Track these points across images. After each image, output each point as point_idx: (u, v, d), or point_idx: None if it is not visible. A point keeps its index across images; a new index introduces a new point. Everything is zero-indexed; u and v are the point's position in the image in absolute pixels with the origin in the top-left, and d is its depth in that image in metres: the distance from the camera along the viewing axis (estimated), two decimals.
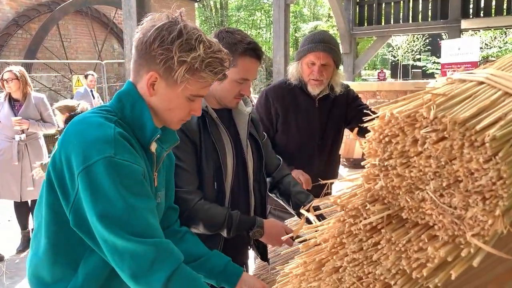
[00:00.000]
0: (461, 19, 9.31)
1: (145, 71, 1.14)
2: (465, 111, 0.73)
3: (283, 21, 6.69)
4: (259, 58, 1.64)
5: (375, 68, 28.29)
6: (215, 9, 27.83)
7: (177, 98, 1.16)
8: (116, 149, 1.04)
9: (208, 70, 1.13)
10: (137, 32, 1.15)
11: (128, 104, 1.16)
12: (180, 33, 1.09)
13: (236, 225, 1.58)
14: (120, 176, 1.03)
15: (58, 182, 1.08)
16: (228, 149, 1.66)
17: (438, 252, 0.77)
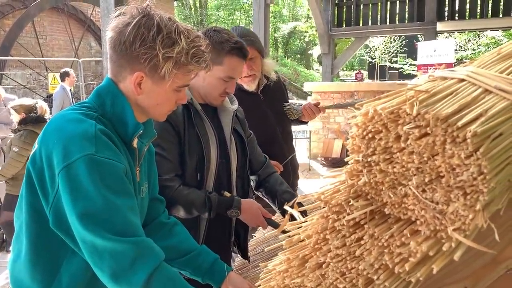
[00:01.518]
0: (436, 21, 9.51)
1: (129, 72, 1.12)
2: (447, 108, 0.74)
3: (263, 21, 6.70)
4: (245, 57, 1.67)
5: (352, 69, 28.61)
6: (195, 8, 27.68)
7: (165, 93, 1.15)
8: (97, 147, 1.02)
9: (194, 62, 1.12)
10: (109, 31, 1.11)
11: (108, 100, 1.14)
12: (159, 28, 1.07)
13: (216, 207, 1.61)
14: (101, 174, 1.01)
15: (38, 180, 1.06)
16: (212, 141, 1.67)
17: (420, 246, 0.78)
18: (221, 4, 28.99)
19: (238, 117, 1.85)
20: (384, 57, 22.73)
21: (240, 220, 1.74)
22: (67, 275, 1.10)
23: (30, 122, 3.52)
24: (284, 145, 2.41)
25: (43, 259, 1.11)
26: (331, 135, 8.48)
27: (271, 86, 2.38)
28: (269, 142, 2.30)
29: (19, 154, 3.45)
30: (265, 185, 1.91)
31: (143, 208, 1.28)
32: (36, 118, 3.52)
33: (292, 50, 31.66)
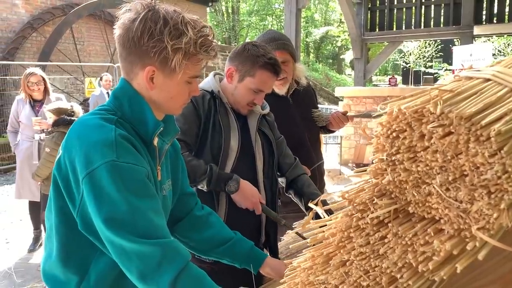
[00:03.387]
0: (473, 25, 9.26)
1: (140, 67, 1.12)
2: (471, 107, 0.75)
3: (294, 26, 6.71)
4: (276, 73, 1.74)
5: (386, 74, 28.17)
6: (227, 14, 27.99)
7: (177, 85, 1.15)
8: (118, 152, 1.03)
9: (203, 51, 1.12)
10: (116, 29, 1.12)
11: (125, 101, 1.15)
12: (165, 21, 1.07)
13: (216, 177, 1.64)
14: (123, 179, 1.03)
15: (64, 186, 1.09)
16: (234, 132, 1.73)
17: (444, 245, 0.79)
18: (253, 9, 29.19)
19: (267, 120, 1.90)
20: (419, 62, 22.28)
21: (270, 220, 1.76)
22: (95, 273, 1.13)
23: (62, 124, 3.66)
24: (312, 151, 2.41)
25: (73, 258, 1.15)
26: (362, 141, 8.39)
27: (300, 91, 2.40)
28: (296, 147, 2.32)
29: (50, 155, 3.60)
30: (294, 186, 1.94)
31: (166, 207, 1.30)
32: (69, 121, 3.66)
33: (323, 55, 31.50)
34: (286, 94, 2.35)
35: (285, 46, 2.25)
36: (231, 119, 1.74)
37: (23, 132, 4.33)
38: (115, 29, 1.13)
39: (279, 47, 2.23)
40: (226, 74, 1.77)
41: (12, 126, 4.46)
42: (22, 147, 4.33)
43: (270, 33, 2.31)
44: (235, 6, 28.15)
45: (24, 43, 10.75)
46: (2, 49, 10.42)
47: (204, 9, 17.43)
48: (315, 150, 2.46)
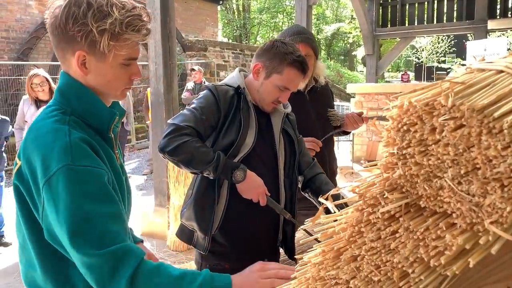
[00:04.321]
0: (487, 20, 9.12)
1: (71, 54, 1.11)
2: (483, 99, 0.73)
3: (305, 23, 6.68)
4: (304, 72, 1.75)
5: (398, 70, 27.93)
6: (238, 11, 27.97)
7: (111, 68, 1.14)
8: (73, 156, 1.02)
9: (130, 30, 1.10)
10: (47, 19, 1.12)
11: (72, 97, 1.14)
12: (89, 4, 1.07)
13: (223, 165, 1.63)
14: (80, 184, 1.01)
15: (28, 195, 1.08)
16: (251, 130, 1.73)
17: (456, 240, 0.78)
18: (264, 7, 29.13)
19: (290, 119, 1.91)
20: (432, 58, 22.07)
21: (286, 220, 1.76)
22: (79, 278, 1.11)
23: None
24: (325, 149, 2.40)
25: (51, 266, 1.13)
26: (375, 138, 8.33)
27: (318, 89, 2.41)
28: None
29: None
30: (311, 185, 1.93)
31: (128, 188, 1.31)
32: None
33: (335, 52, 31.34)
34: (304, 90, 2.36)
35: (309, 40, 2.28)
36: (251, 117, 1.74)
37: None
38: (46, 18, 1.13)
39: (303, 40, 2.25)
40: (253, 70, 1.77)
41: (19, 124, 4.54)
42: None
43: (295, 27, 2.35)
44: (246, 3, 28.12)
45: (37, 44, 10.89)
46: (16, 50, 10.58)
47: (215, 7, 17.45)
48: (327, 148, 2.45)
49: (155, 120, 4.71)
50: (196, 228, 1.71)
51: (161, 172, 4.67)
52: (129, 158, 9.76)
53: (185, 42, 12.27)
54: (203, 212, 1.69)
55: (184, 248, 4.38)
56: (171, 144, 1.58)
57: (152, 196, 4.99)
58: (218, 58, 12.46)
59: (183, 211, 1.78)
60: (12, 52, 10.54)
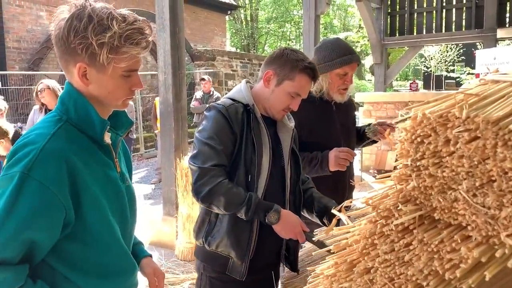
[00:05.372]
0: (497, 28, 9.08)
1: (73, 65, 1.15)
2: (498, 111, 0.73)
3: (313, 33, 6.70)
4: (314, 79, 1.76)
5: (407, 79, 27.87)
6: (246, 21, 28.15)
7: (111, 79, 1.17)
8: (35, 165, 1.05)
9: (129, 44, 1.13)
10: (53, 31, 1.16)
11: (70, 106, 1.17)
12: (90, 17, 1.10)
13: (255, 205, 1.61)
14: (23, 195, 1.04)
15: None
16: (266, 149, 1.71)
17: (472, 252, 0.77)
18: (272, 17, 29.29)
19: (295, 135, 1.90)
20: (440, 66, 21.99)
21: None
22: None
23: None
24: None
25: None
26: (384, 147, 8.29)
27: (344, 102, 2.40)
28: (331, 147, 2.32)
29: None
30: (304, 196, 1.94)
31: (131, 196, 1.33)
32: None
33: None
34: (331, 100, 2.36)
35: (359, 58, 2.33)
36: (263, 133, 1.72)
37: None
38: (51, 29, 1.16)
39: (357, 59, 2.31)
40: (263, 78, 1.77)
41: None
42: None
43: (343, 44, 2.34)
44: (254, 13, 28.30)
45: (48, 54, 11.01)
46: (27, 60, 10.71)
47: (223, 17, 17.57)
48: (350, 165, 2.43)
49: (164, 129, 4.72)
50: (233, 255, 1.69)
51: (169, 181, 4.67)
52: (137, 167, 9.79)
53: (194, 51, 12.35)
54: (240, 240, 1.68)
55: (192, 258, 4.36)
56: (202, 190, 1.60)
57: (161, 205, 5.00)
58: (226, 67, 12.51)
59: (211, 239, 1.73)
60: (23, 62, 10.66)
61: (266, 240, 1.74)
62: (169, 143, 4.71)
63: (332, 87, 2.31)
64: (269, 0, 29.35)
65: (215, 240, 1.71)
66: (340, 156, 2.11)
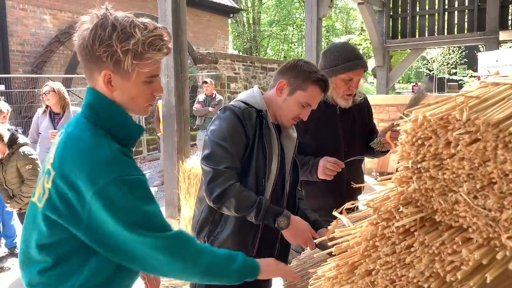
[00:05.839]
0: (499, 31, 9.07)
1: (98, 73, 1.18)
2: (498, 113, 0.73)
3: (315, 35, 6.71)
4: (325, 91, 1.81)
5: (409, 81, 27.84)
6: (248, 24, 28.21)
7: (135, 85, 1.20)
8: (120, 167, 1.12)
9: (152, 50, 1.17)
10: (76, 40, 1.19)
11: (102, 112, 1.21)
12: (113, 26, 1.13)
13: (265, 210, 1.63)
14: (131, 191, 1.12)
15: (65, 206, 1.12)
16: (275, 154, 1.74)
17: (473, 254, 0.77)
18: (274, 20, 29.33)
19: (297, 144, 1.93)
20: (443, 69, 21.97)
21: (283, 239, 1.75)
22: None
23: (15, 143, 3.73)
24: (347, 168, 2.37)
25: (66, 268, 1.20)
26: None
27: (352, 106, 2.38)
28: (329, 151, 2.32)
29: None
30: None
31: None
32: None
33: None
34: (335, 105, 2.36)
35: (366, 64, 2.31)
36: (273, 139, 1.76)
37: (42, 144, 4.45)
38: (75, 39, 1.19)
39: (363, 65, 2.28)
40: (277, 87, 1.81)
41: (32, 137, 4.58)
42: (39, 159, 4.45)
43: (353, 49, 2.33)
44: (256, 16, 28.35)
45: (51, 57, 11.06)
46: (31, 63, 10.75)
47: (226, 20, 17.60)
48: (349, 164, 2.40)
49: (167, 132, 4.73)
50: None
51: (172, 184, 4.68)
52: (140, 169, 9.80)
53: (196, 54, 12.36)
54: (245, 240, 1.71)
55: None
56: (214, 191, 1.62)
57: (163, 208, 5.01)
58: (228, 70, 12.52)
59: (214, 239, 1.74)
60: (26, 65, 10.70)
61: (265, 242, 1.76)
62: (171, 146, 4.71)
63: (337, 92, 2.30)
64: (272, 3, 29.40)
65: (219, 240, 1.73)
66: (327, 166, 2.11)
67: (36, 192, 1.22)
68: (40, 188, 1.19)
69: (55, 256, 1.18)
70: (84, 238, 1.14)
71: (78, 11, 11.65)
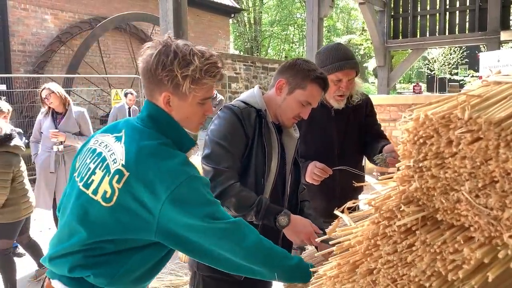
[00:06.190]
0: (500, 31, 9.07)
1: (158, 94, 1.32)
2: (500, 112, 0.73)
3: (316, 35, 6.72)
4: (325, 89, 1.81)
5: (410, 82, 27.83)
6: (249, 24, 28.22)
7: (190, 106, 1.35)
8: (189, 169, 1.27)
9: (208, 76, 1.31)
10: (140, 63, 1.34)
11: (164, 124, 1.35)
12: (175, 53, 1.28)
13: (265, 209, 1.63)
14: (200, 187, 1.27)
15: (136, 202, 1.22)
16: (275, 153, 1.74)
17: (475, 253, 0.77)
18: (275, 20, 29.33)
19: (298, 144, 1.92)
20: (444, 69, 21.96)
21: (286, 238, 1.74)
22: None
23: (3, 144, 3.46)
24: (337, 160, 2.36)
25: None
26: None
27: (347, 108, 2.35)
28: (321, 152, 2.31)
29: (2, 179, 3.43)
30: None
31: None
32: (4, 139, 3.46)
33: None
34: (330, 106, 2.34)
35: (356, 65, 2.28)
36: (273, 138, 1.76)
37: (43, 143, 4.47)
38: (139, 63, 1.35)
39: (352, 66, 2.25)
40: (276, 86, 1.80)
41: (35, 136, 4.61)
42: (40, 158, 4.47)
43: (341, 50, 2.29)
44: (257, 16, 28.36)
45: (53, 57, 11.07)
46: (32, 63, 10.77)
47: (227, 20, 17.61)
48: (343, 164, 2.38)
49: None
50: None
51: None
52: None
53: None
54: None
55: None
56: (214, 191, 1.61)
57: None
58: (229, 70, 12.53)
59: None
60: (28, 65, 10.71)
61: None
62: None
63: (328, 93, 2.28)
64: (273, 3, 29.41)
65: None
66: (314, 171, 2.11)
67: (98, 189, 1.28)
68: (105, 187, 1.26)
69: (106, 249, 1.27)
70: (151, 236, 1.24)
71: (79, 11, 11.67)
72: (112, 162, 1.27)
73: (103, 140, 1.37)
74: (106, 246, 1.26)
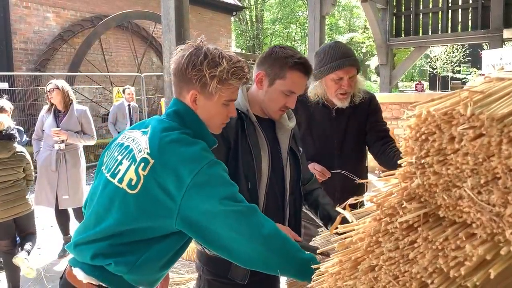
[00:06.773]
0: (503, 29, 9.03)
1: (186, 91, 1.41)
2: (503, 108, 0.73)
3: (318, 33, 6.71)
4: (307, 73, 1.70)
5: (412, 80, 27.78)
6: (251, 22, 28.20)
7: (215, 106, 1.42)
8: (209, 155, 1.33)
9: (234, 78, 1.39)
10: (172, 64, 1.43)
11: (189, 120, 1.41)
12: (205, 55, 1.36)
13: None
14: (220, 170, 1.33)
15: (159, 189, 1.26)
16: (264, 153, 1.68)
17: (477, 250, 0.77)
18: (277, 18, 29.30)
19: (294, 134, 1.86)
20: (446, 67, 21.93)
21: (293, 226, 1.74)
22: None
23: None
24: (336, 161, 2.36)
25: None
26: None
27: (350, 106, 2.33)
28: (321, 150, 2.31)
29: None
30: (309, 197, 1.91)
31: None
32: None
33: None
34: (331, 106, 2.33)
35: (356, 62, 2.24)
36: (260, 138, 1.69)
37: (45, 141, 4.47)
38: (171, 63, 1.43)
39: (351, 63, 2.21)
40: (255, 80, 1.73)
41: (37, 134, 4.61)
42: (42, 155, 4.47)
43: (340, 48, 2.25)
44: (259, 14, 28.33)
45: (55, 55, 11.08)
46: (34, 61, 10.78)
47: (229, 18, 17.60)
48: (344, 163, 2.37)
49: None
50: None
51: None
52: None
53: None
54: None
55: None
56: None
57: None
58: None
59: None
60: (30, 63, 10.73)
61: None
62: None
63: (330, 92, 2.25)
64: (274, 1, 29.37)
65: None
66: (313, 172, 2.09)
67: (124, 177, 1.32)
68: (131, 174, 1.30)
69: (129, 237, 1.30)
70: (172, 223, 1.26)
71: (81, 9, 11.67)
72: (138, 151, 1.33)
73: (131, 135, 1.43)
74: (129, 235, 1.30)
